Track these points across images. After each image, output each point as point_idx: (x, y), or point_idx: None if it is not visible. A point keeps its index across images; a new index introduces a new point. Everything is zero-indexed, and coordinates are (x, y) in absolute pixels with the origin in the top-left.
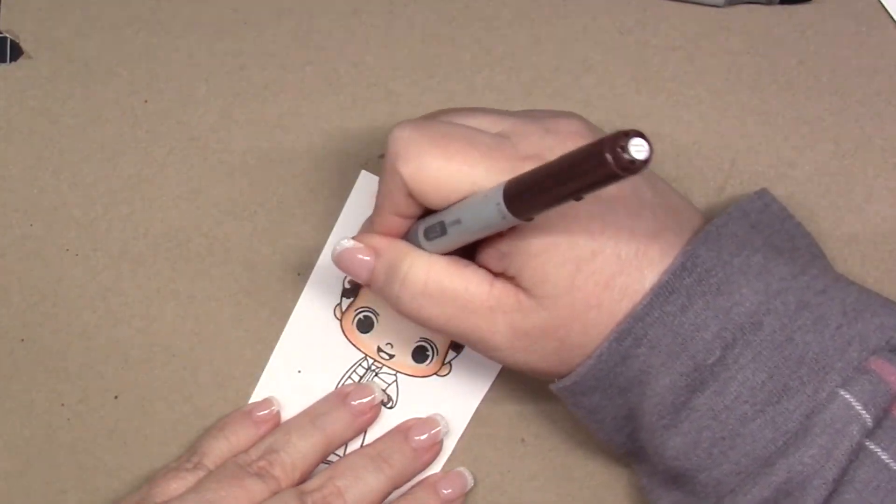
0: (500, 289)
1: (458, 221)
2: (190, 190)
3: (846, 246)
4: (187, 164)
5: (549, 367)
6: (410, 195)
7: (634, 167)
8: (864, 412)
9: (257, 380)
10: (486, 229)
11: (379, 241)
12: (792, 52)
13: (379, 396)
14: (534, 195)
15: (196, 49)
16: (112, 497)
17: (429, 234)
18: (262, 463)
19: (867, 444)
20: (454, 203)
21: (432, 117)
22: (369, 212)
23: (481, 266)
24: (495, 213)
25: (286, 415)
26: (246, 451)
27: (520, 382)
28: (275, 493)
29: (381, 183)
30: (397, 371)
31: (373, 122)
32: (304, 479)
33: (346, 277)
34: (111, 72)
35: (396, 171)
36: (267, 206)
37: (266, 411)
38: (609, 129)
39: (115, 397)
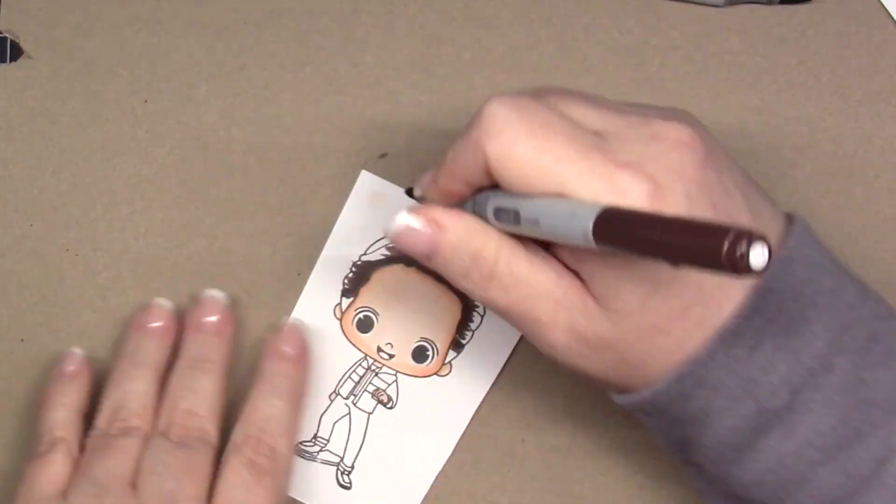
0: (569, 285)
1: (535, 221)
2: (190, 190)
3: (846, 246)
4: (187, 164)
5: (603, 377)
6: (491, 173)
7: (745, 271)
8: None
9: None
10: (563, 240)
11: (443, 216)
12: (792, 52)
13: (167, 305)
14: (627, 239)
15: (196, 49)
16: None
17: (499, 216)
18: (117, 424)
19: None
20: (536, 196)
21: (532, 96)
22: (369, 211)
23: (554, 257)
24: (579, 233)
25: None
26: (95, 420)
27: (521, 382)
28: (147, 441)
29: (458, 148)
30: (397, 371)
31: (373, 122)
32: (157, 411)
33: (345, 277)
34: (111, 72)
35: (481, 147)
36: (267, 206)
37: (72, 365)
38: None
39: None
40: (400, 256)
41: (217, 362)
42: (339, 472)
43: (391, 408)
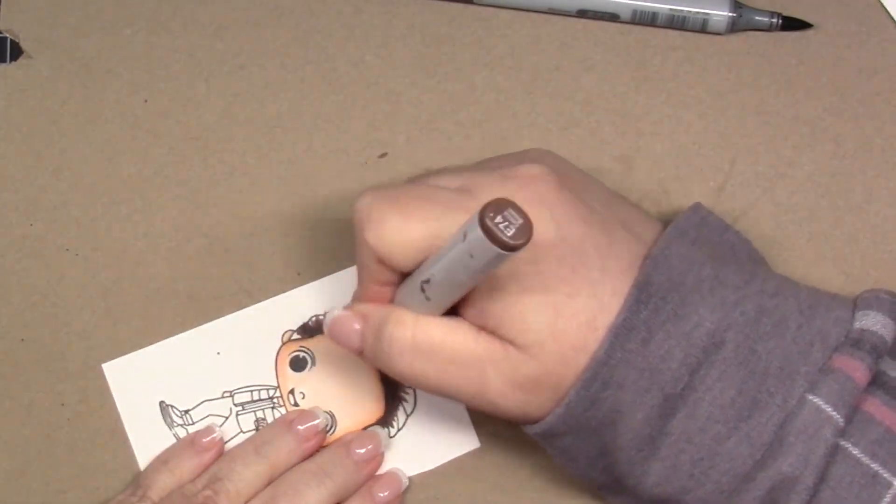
0: (486, 339)
1: (427, 280)
2: (190, 190)
3: (846, 246)
4: (187, 164)
5: (545, 414)
6: (381, 261)
7: (500, 239)
8: (834, 413)
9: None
10: (455, 278)
11: (365, 307)
12: (792, 52)
13: (324, 422)
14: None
15: (196, 49)
16: (112, 497)
17: (413, 298)
18: (206, 492)
19: (840, 442)
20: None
21: (397, 184)
22: None
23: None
24: (463, 255)
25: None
26: (192, 481)
27: None
28: None
29: (355, 254)
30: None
31: (373, 122)
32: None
33: (315, 315)
34: (111, 72)
35: (363, 240)
36: (267, 205)
37: (208, 438)
38: (610, 130)
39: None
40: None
41: (339, 489)
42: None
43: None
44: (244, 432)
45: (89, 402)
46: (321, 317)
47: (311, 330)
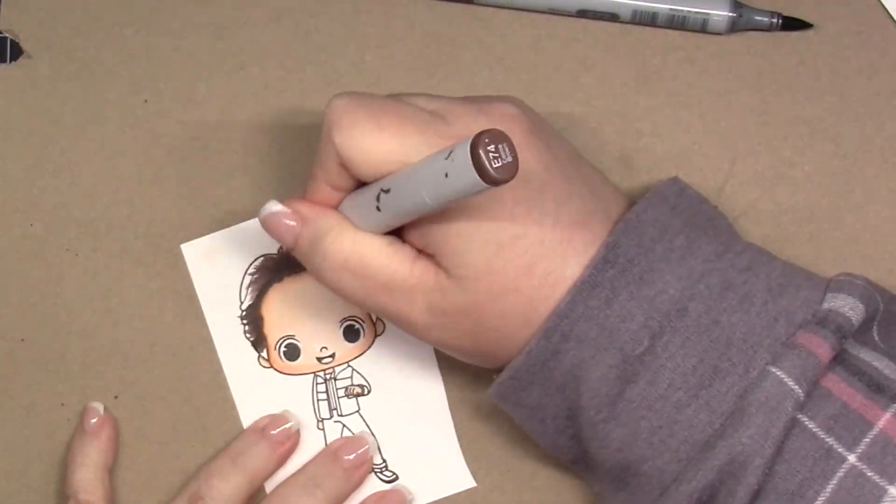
0: (422, 267)
1: (388, 191)
2: (190, 190)
3: (846, 246)
4: (187, 164)
5: (468, 348)
6: (343, 165)
7: (485, 168)
8: (796, 387)
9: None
10: (418, 196)
11: (307, 209)
12: (792, 52)
13: (296, 424)
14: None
15: (196, 49)
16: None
17: (362, 207)
18: None
19: (797, 416)
20: (385, 175)
21: (375, 95)
22: (214, 270)
23: (406, 243)
24: (438, 174)
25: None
26: (171, 501)
27: None
28: None
29: (316, 151)
30: (347, 363)
31: None
32: None
33: (244, 332)
34: (111, 72)
35: (330, 140)
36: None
37: (95, 422)
38: (609, 130)
39: (115, 397)
40: (269, 279)
41: (331, 498)
42: (377, 474)
43: (369, 392)
44: (359, 411)
45: (89, 402)
46: (246, 328)
47: (257, 339)
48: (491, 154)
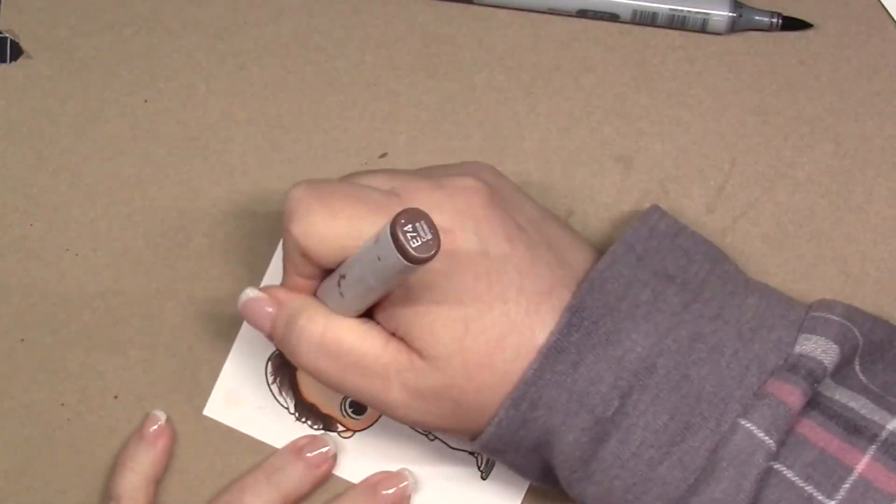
0: (395, 348)
1: (344, 276)
2: (190, 190)
3: (846, 246)
4: (187, 164)
5: (448, 427)
6: (304, 254)
7: (405, 249)
8: (767, 438)
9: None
10: (365, 280)
11: (282, 294)
12: (792, 52)
13: (333, 448)
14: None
15: (196, 49)
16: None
17: (330, 294)
18: None
19: (774, 465)
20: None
21: (331, 180)
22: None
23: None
24: (373, 258)
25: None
26: None
27: None
28: None
29: (283, 244)
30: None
31: (373, 122)
32: None
33: (308, 424)
34: (111, 72)
35: (289, 231)
36: (267, 206)
37: (154, 431)
38: (609, 130)
39: (115, 397)
40: (290, 371)
41: (287, 491)
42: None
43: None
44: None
45: (89, 402)
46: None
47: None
48: (409, 234)
